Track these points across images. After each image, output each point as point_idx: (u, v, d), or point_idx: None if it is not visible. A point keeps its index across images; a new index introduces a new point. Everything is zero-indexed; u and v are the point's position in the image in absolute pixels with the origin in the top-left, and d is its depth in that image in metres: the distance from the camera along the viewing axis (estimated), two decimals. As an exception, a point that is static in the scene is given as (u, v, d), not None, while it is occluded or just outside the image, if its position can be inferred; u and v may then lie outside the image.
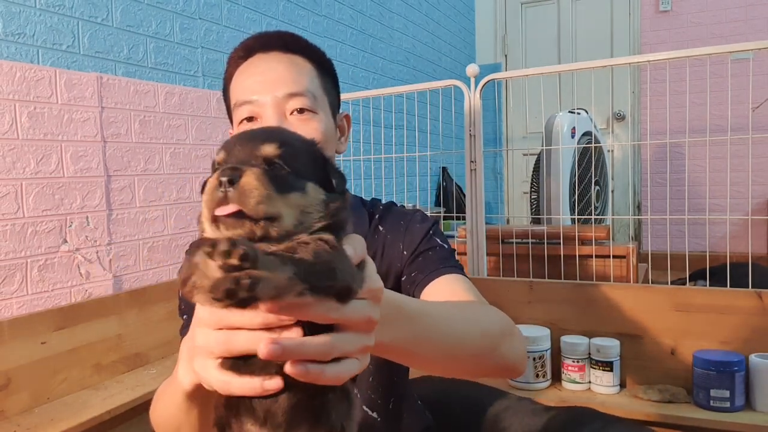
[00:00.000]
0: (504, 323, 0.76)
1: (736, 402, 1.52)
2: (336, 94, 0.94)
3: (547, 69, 2.00)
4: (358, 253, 0.49)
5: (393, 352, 0.61)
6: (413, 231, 0.93)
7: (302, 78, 0.86)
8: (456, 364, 0.72)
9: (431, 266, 0.89)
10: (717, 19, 3.96)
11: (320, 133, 0.86)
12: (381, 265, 0.91)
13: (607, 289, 1.75)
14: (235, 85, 0.89)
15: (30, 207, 1.45)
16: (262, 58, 0.88)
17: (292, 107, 0.85)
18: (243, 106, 0.86)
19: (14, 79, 1.41)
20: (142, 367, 1.66)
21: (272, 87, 0.84)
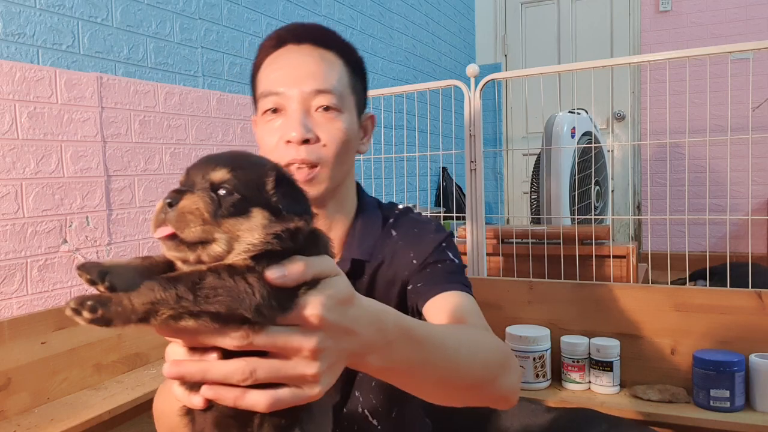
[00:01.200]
0: (503, 354, 0.74)
1: (736, 402, 1.52)
2: (363, 93, 0.93)
3: (547, 69, 2.00)
4: (294, 275, 0.46)
5: (393, 376, 0.60)
6: (426, 240, 0.91)
7: (331, 75, 0.85)
8: (454, 393, 0.69)
9: (438, 279, 0.86)
10: (717, 19, 3.96)
11: (343, 132, 0.85)
12: (389, 271, 0.90)
13: (607, 289, 1.75)
14: (263, 74, 0.88)
15: (30, 207, 1.45)
16: (294, 50, 0.87)
17: (317, 104, 0.84)
18: (269, 97, 0.85)
19: (14, 79, 1.41)
20: (142, 367, 1.66)
21: (300, 81, 0.84)
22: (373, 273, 0.90)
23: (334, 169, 0.86)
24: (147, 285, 0.44)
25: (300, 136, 0.82)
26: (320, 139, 0.84)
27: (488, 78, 1.97)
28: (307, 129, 0.83)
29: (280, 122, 0.85)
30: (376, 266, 0.90)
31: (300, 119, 0.83)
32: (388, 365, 0.57)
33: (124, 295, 0.44)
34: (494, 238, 2.22)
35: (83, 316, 0.43)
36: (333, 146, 0.85)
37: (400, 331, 0.56)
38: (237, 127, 2.13)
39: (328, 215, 0.90)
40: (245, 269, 0.45)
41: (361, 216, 0.93)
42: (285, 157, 0.83)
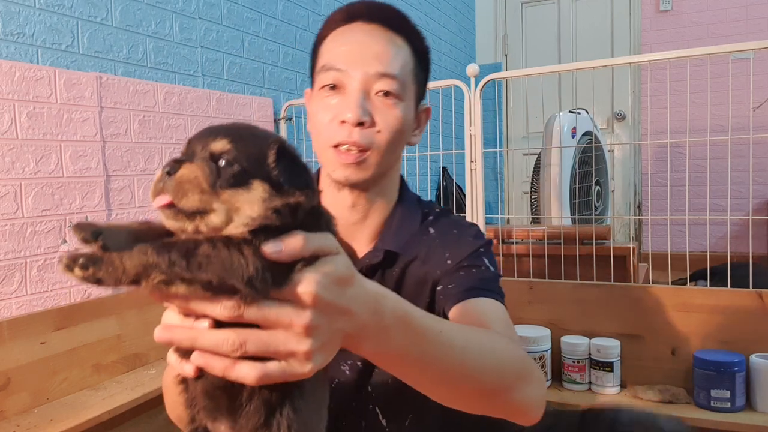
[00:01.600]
0: (523, 364, 0.69)
1: (737, 402, 1.51)
2: (424, 84, 0.91)
3: (547, 69, 1.99)
4: (291, 251, 0.46)
5: (389, 363, 0.58)
6: (464, 243, 0.88)
7: (397, 60, 0.83)
8: (460, 397, 0.66)
9: (470, 284, 0.83)
10: (717, 18, 3.95)
11: (399, 121, 0.83)
12: (421, 268, 0.87)
13: (608, 290, 1.75)
14: (327, 47, 0.86)
15: (29, 207, 1.44)
16: (363, 27, 0.84)
17: (378, 88, 0.82)
18: (330, 72, 0.83)
19: (13, 79, 1.41)
20: (142, 368, 1.66)
21: (365, 61, 0.82)
22: (404, 267, 0.88)
23: (383, 156, 0.84)
24: (140, 248, 0.43)
25: (356, 118, 0.80)
26: (375, 124, 0.82)
27: (488, 78, 1.97)
28: (365, 111, 0.81)
29: (337, 100, 0.83)
30: (409, 261, 0.88)
31: (358, 100, 0.81)
32: (383, 351, 0.55)
33: (116, 256, 0.43)
34: (494, 238, 2.22)
35: (75, 273, 0.43)
36: (387, 133, 0.83)
37: (398, 318, 0.55)
38: (237, 126, 2.13)
39: (368, 201, 0.88)
40: (241, 241, 0.45)
41: (401, 208, 0.91)
42: (336, 137, 0.81)
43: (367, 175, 0.84)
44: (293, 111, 2.42)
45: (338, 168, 0.83)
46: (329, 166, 0.84)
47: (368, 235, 0.89)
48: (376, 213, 0.89)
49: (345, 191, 0.86)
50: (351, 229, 0.88)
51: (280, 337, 0.46)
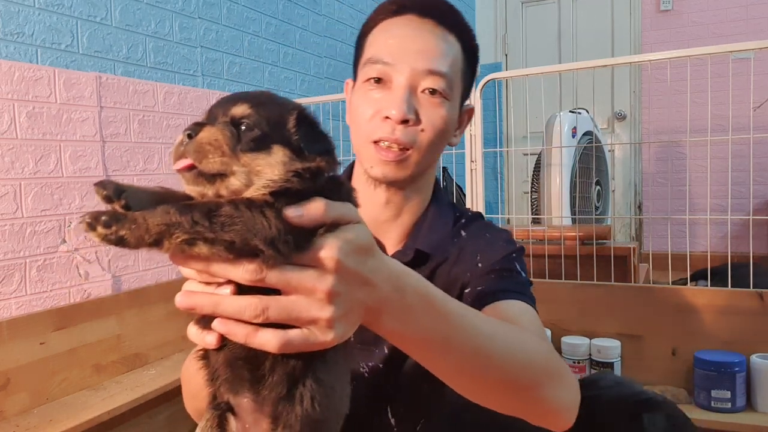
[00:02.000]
0: (553, 363, 0.67)
1: (737, 403, 1.51)
2: (471, 83, 0.89)
3: (547, 69, 1.99)
4: (313, 215, 0.45)
5: (410, 345, 0.56)
6: (496, 247, 0.86)
7: (447, 58, 0.80)
8: (484, 388, 0.63)
9: (503, 286, 0.80)
10: (718, 18, 3.95)
11: (443, 121, 0.81)
12: (451, 270, 0.85)
13: (608, 290, 1.75)
14: (375, 38, 0.84)
15: (29, 207, 1.44)
16: (415, 21, 0.81)
17: (426, 85, 0.80)
18: (377, 65, 0.80)
19: (13, 79, 1.41)
20: (142, 368, 1.66)
21: (414, 57, 0.79)
22: (434, 268, 0.86)
23: (424, 156, 0.82)
24: (163, 207, 0.43)
25: (401, 115, 0.78)
26: (420, 123, 0.80)
27: (488, 77, 1.96)
28: (410, 108, 0.78)
29: (382, 95, 0.80)
30: (439, 262, 0.86)
31: (404, 97, 0.78)
32: (405, 330, 0.54)
33: (139, 214, 0.43)
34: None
35: (97, 231, 0.42)
36: (430, 133, 0.80)
37: (421, 297, 0.54)
38: (237, 126, 2.13)
39: (403, 199, 0.86)
40: (263, 203, 0.44)
41: (434, 208, 0.89)
42: (378, 133, 0.79)
43: (406, 173, 0.82)
44: (293, 111, 2.42)
45: (377, 164, 0.81)
46: (367, 162, 0.82)
47: (399, 233, 0.88)
48: (409, 212, 0.88)
49: (380, 188, 0.85)
50: (383, 226, 0.87)
51: (302, 303, 0.46)
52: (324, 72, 2.75)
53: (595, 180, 2.84)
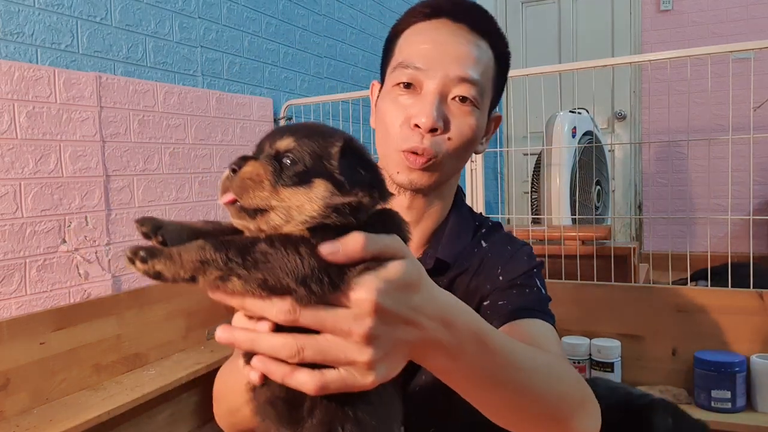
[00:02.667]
0: (583, 392, 0.67)
1: (738, 403, 1.51)
2: (501, 90, 0.87)
3: (547, 68, 1.99)
4: (349, 252, 0.44)
5: (460, 383, 0.55)
6: (518, 261, 0.85)
7: (479, 65, 0.79)
8: (524, 422, 0.62)
9: (523, 303, 0.80)
10: (718, 18, 3.95)
11: (472, 130, 0.80)
12: (471, 281, 0.84)
13: (608, 290, 1.75)
14: (406, 41, 0.82)
15: (29, 207, 1.44)
16: (448, 26, 0.80)
17: (456, 92, 0.78)
18: (407, 70, 0.79)
19: (13, 79, 1.41)
20: (141, 368, 1.66)
21: (447, 63, 0.77)
22: (454, 278, 0.85)
23: (450, 164, 0.81)
24: (198, 243, 0.44)
25: (431, 123, 0.76)
26: (448, 131, 0.79)
27: (489, 77, 1.96)
28: (440, 117, 0.77)
29: (412, 101, 0.79)
30: (459, 272, 0.85)
31: (435, 104, 0.77)
32: (453, 368, 0.52)
33: (175, 250, 0.44)
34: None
35: (136, 265, 0.44)
36: (458, 141, 0.79)
37: (472, 333, 0.52)
38: (236, 126, 2.13)
39: (425, 204, 0.85)
40: (300, 240, 0.44)
41: (455, 218, 0.88)
42: (408, 143, 0.78)
43: (431, 180, 0.81)
44: (293, 111, 2.42)
45: (403, 171, 0.80)
46: (393, 168, 0.81)
47: (420, 238, 0.87)
48: (431, 217, 0.87)
49: (404, 194, 0.84)
50: None
51: (339, 345, 0.44)
52: (324, 72, 2.75)
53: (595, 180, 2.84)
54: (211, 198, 2.01)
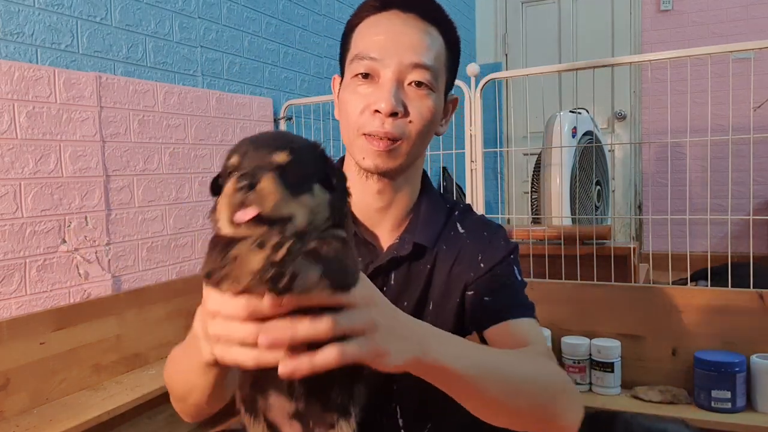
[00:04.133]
0: (562, 380, 0.75)
1: (738, 403, 1.51)
2: (454, 74, 0.92)
3: (547, 68, 1.99)
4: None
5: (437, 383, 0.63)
6: (496, 247, 0.89)
7: (431, 51, 0.83)
8: (505, 419, 0.69)
9: (507, 301, 0.85)
10: (718, 18, 3.95)
11: (430, 111, 0.84)
12: (453, 268, 0.88)
13: (608, 290, 1.75)
14: (360, 34, 0.86)
15: (29, 207, 1.44)
16: (399, 16, 0.84)
17: (412, 78, 0.82)
18: (364, 61, 0.83)
19: (13, 79, 1.41)
20: (141, 368, 1.66)
21: (400, 51, 0.82)
22: (434, 263, 0.89)
23: (413, 146, 0.85)
24: (307, 260, 0.49)
25: (390, 108, 0.80)
26: (408, 114, 0.83)
27: (489, 77, 1.96)
28: (398, 102, 0.81)
29: (371, 90, 0.83)
30: (437, 256, 0.89)
31: (392, 90, 0.81)
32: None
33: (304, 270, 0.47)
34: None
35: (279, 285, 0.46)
36: (418, 123, 0.83)
37: (438, 368, 0.60)
38: (236, 126, 2.13)
39: (394, 188, 0.88)
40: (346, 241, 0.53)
41: (426, 201, 0.92)
42: (368, 126, 0.82)
43: (396, 163, 0.84)
44: (293, 111, 2.42)
45: (368, 155, 0.83)
46: (359, 154, 0.85)
47: (392, 222, 0.90)
48: (401, 201, 0.90)
49: (372, 179, 0.87)
50: (375, 216, 0.89)
51: (358, 313, 0.53)
52: (324, 72, 2.75)
53: (595, 180, 2.84)
54: (210, 198, 2.01)
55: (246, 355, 0.51)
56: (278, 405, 0.56)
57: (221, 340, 0.52)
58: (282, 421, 0.57)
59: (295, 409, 0.56)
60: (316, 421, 0.56)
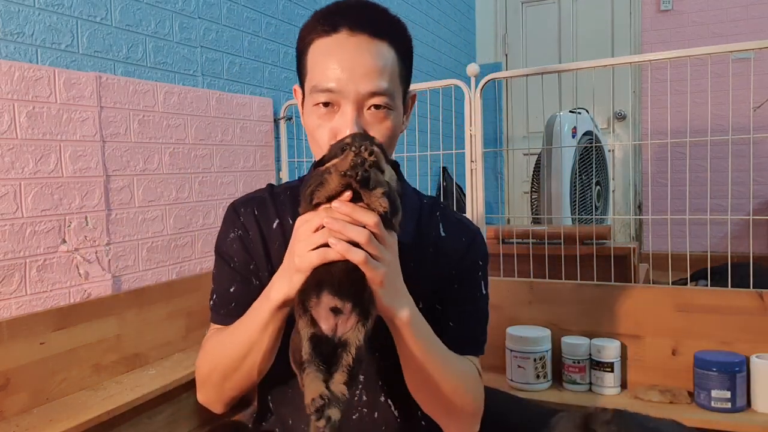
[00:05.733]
0: (474, 393, 0.93)
1: (738, 403, 1.51)
2: (409, 77, 0.95)
3: (547, 68, 1.99)
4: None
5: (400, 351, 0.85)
6: (474, 253, 0.98)
7: (385, 74, 0.87)
8: (429, 399, 0.90)
9: (467, 334, 0.97)
10: (718, 18, 3.95)
11: (391, 130, 0.89)
12: (431, 270, 0.95)
13: (608, 290, 1.75)
14: (314, 60, 0.88)
15: (29, 207, 1.44)
16: (350, 40, 0.86)
17: (371, 103, 0.86)
18: (322, 93, 0.86)
19: (13, 79, 1.41)
20: (141, 368, 1.66)
21: (356, 81, 0.85)
22: (417, 259, 0.95)
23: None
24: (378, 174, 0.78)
25: None
26: None
27: (489, 77, 1.96)
28: (360, 129, 0.86)
29: (333, 118, 0.87)
30: (416, 256, 0.94)
31: (353, 120, 0.85)
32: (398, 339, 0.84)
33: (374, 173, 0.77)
34: (494, 238, 2.22)
35: (360, 173, 0.74)
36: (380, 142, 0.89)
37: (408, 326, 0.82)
38: (236, 126, 2.13)
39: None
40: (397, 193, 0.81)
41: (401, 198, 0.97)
42: None
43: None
44: (293, 111, 2.42)
45: None
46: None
47: None
48: None
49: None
50: None
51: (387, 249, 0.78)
52: (324, 72, 2.75)
53: (595, 180, 2.84)
54: (211, 198, 2.01)
55: (316, 254, 0.74)
56: (325, 300, 0.75)
57: (302, 250, 0.75)
58: (322, 315, 0.76)
59: (335, 305, 0.75)
60: (346, 315, 0.76)
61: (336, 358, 0.75)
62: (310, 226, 0.75)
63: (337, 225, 0.73)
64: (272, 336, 0.84)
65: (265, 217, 0.98)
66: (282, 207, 0.99)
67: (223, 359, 0.90)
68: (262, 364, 0.87)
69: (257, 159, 2.23)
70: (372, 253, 0.74)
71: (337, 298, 0.75)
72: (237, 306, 0.95)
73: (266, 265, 0.96)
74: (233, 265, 0.97)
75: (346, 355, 0.75)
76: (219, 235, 1.00)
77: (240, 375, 0.89)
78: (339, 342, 0.75)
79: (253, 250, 0.97)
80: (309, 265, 0.75)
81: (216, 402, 0.94)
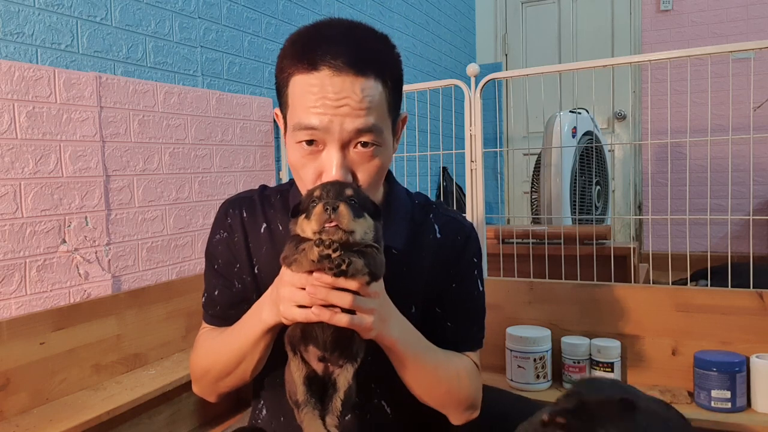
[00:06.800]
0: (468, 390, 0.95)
1: (738, 403, 1.51)
2: (398, 105, 0.90)
3: (547, 68, 1.99)
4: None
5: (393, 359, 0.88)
6: (468, 252, 0.98)
7: (372, 109, 0.81)
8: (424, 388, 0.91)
9: (465, 332, 0.98)
10: (718, 18, 3.95)
11: (379, 168, 0.85)
12: (429, 275, 0.96)
13: (608, 290, 1.75)
14: (297, 99, 0.83)
15: (28, 207, 1.44)
16: (333, 81, 0.79)
17: (357, 140, 0.82)
18: (306, 131, 0.82)
19: (13, 79, 1.41)
20: (141, 368, 1.66)
21: (342, 120, 0.80)
22: (408, 264, 0.95)
23: (369, 193, 0.86)
24: (357, 256, 0.77)
25: (339, 178, 0.82)
26: (356, 179, 0.84)
27: (489, 77, 1.96)
28: (345, 171, 0.82)
29: (318, 156, 0.83)
30: (410, 262, 0.95)
31: (339, 160, 0.81)
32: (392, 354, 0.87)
33: (356, 260, 0.76)
34: (495, 238, 2.22)
35: (340, 267, 0.74)
36: (367, 182, 0.85)
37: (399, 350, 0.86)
38: (236, 126, 2.13)
39: None
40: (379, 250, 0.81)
41: (393, 201, 0.97)
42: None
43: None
44: (293, 111, 2.41)
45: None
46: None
47: None
48: None
49: None
50: None
51: (371, 301, 0.79)
52: (324, 72, 2.75)
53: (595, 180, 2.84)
54: (210, 198, 2.01)
55: (300, 312, 0.77)
56: (312, 351, 0.81)
57: (286, 301, 0.77)
58: (312, 360, 0.82)
59: (322, 355, 0.81)
60: (333, 363, 0.82)
61: (327, 398, 0.81)
62: (295, 282, 0.77)
63: (321, 293, 0.75)
64: (263, 348, 0.88)
65: (252, 221, 0.98)
66: (271, 211, 0.98)
67: (216, 364, 0.94)
68: (254, 369, 0.91)
69: (257, 159, 2.23)
70: (357, 311, 0.77)
71: (324, 352, 0.81)
72: (222, 309, 0.99)
73: (250, 270, 0.96)
74: (217, 267, 0.99)
75: (336, 399, 0.81)
76: (209, 235, 1.01)
77: (233, 378, 0.93)
78: (330, 381, 0.82)
79: (237, 252, 0.97)
80: (293, 319, 0.78)
81: (210, 395, 1.00)
